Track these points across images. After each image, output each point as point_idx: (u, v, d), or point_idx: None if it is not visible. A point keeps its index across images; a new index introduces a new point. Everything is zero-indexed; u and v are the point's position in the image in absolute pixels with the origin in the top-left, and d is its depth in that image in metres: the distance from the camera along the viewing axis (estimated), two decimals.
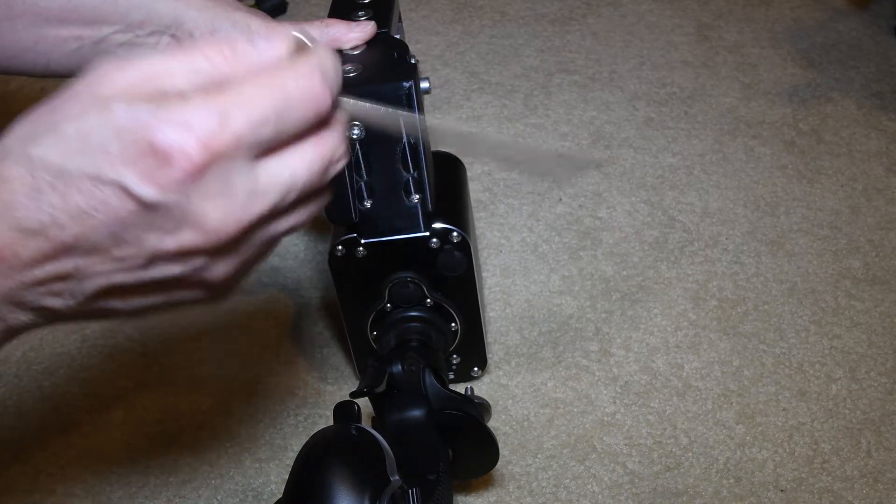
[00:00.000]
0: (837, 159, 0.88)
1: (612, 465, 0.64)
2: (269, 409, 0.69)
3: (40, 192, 0.33)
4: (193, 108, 0.33)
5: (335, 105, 0.36)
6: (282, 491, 0.48)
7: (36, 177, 0.32)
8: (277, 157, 0.35)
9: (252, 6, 0.93)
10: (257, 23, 0.57)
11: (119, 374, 0.72)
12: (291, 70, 0.35)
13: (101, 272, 0.35)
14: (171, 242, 0.34)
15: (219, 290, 0.38)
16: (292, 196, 0.36)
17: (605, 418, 0.67)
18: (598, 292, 0.76)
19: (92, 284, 0.35)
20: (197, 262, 0.35)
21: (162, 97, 0.33)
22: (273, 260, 0.81)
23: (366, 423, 0.52)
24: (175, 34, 0.58)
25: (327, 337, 0.74)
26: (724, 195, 0.85)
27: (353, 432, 0.48)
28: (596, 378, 0.70)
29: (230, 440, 0.67)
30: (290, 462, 0.49)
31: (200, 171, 0.32)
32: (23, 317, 0.36)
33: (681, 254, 0.79)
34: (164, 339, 0.74)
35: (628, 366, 0.71)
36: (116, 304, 0.37)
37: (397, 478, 0.47)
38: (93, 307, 0.36)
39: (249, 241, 0.36)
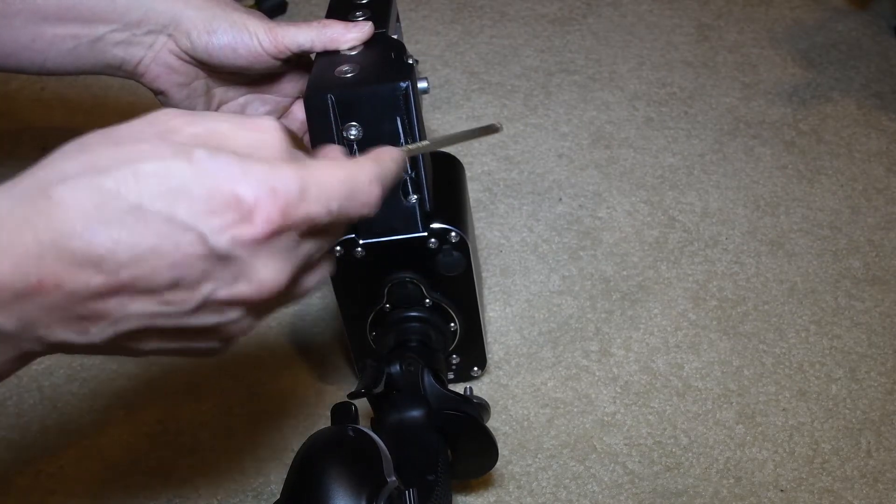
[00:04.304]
0: (837, 159, 0.88)
1: (612, 465, 0.64)
2: (269, 409, 0.69)
3: (107, 224, 0.31)
4: (280, 173, 0.33)
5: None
6: (281, 491, 0.48)
7: (104, 209, 0.31)
8: (314, 238, 0.37)
9: (251, 6, 0.93)
10: (255, 23, 0.57)
11: (119, 374, 0.72)
12: (362, 168, 0.37)
13: (145, 314, 0.34)
14: (224, 293, 0.34)
15: (229, 343, 0.38)
16: (307, 263, 0.38)
17: (605, 418, 0.67)
18: (598, 292, 0.76)
19: (128, 325, 0.34)
20: (235, 314, 0.35)
21: (243, 156, 0.33)
22: None
23: (365, 424, 0.52)
24: (172, 34, 0.58)
25: (327, 337, 0.74)
26: (724, 195, 0.85)
27: (351, 433, 0.48)
28: (596, 378, 0.70)
29: (230, 440, 0.67)
30: (290, 462, 0.49)
31: (275, 234, 0.33)
32: (37, 347, 0.34)
33: (681, 254, 0.79)
34: None
35: (628, 366, 0.71)
36: (135, 345, 0.36)
37: (394, 479, 0.47)
38: (111, 346, 0.35)
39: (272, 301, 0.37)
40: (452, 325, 0.63)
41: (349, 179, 0.36)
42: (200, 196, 0.32)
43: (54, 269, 0.31)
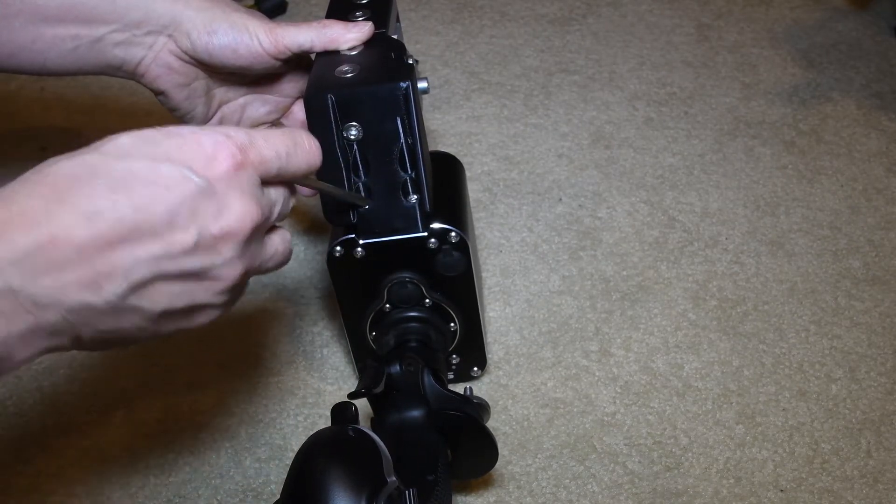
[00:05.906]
0: (837, 159, 0.88)
1: (612, 465, 0.64)
2: (269, 409, 0.69)
3: (102, 179, 0.36)
4: (226, 128, 0.40)
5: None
6: (281, 491, 0.48)
7: (96, 171, 0.37)
8: (273, 187, 0.44)
9: (251, 6, 0.93)
10: (255, 24, 0.57)
11: (119, 374, 0.72)
12: (301, 133, 0.45)
13: (151, 257, 0.37)
14: (215, 227, 0.39)
15: (228, 298, 0.43)
16: (274, 216, 0.44)
17: (605, 418, 0.67)
18: (598, 292, 0.76)
19: (137, 273, 0.37)
20: (228, 252, 0.40)
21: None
22: None
23: (365, 424, 0.52)
24: (172, 34, 0.58)
25: (327, 337, 0.74)
26: (724, 195, 0.85)
27: (350, 433, 0.48)
28: (596, 378, 0.70)
29: (230, 440, 0.67)
30: (290, 462, 0.49)
31: (239, 168, 0.40)
32: (54, 318, 0.36)
33: (681, 254, 0.79)
34: (164, 339, 0.74)
35: (628, 366, 0.71)
36: (146, 304, 0.39)
37: (394, 479, 0.47)
38: (126, 311, 0.38)
39: (254, 245, 0.43)
40: (452, 325, 0.63)
41: (289, 133, 0.44)
42: (172, 146, 0.38)
43: (62, 223, 0.35)
